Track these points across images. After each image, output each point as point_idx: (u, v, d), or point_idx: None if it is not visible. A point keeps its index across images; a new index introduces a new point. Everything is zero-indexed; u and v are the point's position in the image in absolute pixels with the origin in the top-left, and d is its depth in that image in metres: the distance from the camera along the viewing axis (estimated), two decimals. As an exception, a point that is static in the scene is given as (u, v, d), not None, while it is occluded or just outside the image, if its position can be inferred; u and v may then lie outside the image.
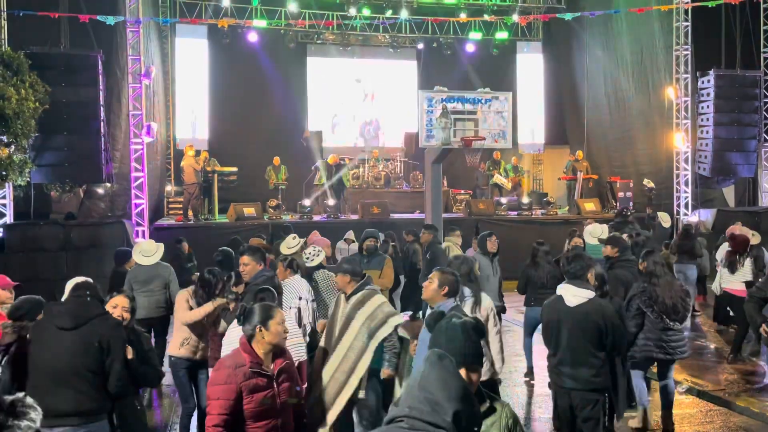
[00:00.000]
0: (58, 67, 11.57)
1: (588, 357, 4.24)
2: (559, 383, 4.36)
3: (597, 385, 4.27)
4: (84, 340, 3.62)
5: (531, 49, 20.32)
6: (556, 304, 4.37)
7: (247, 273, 5.22)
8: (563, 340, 4.27)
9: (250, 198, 14.70)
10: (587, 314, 4.22)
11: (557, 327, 4.29)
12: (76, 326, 3.63)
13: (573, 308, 4.24)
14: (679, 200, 15.23)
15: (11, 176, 10.04)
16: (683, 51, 15.04)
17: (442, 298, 4.11)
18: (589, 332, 4.22)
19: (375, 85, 19.95)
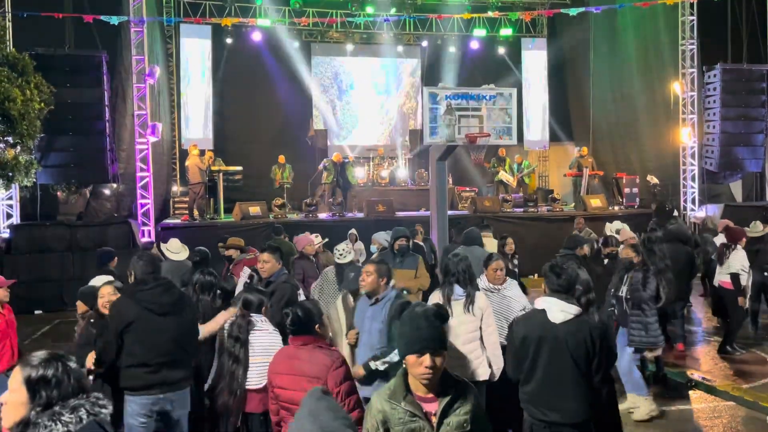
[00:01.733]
0: (62, 67, 11.61)
1: (578, 384, 3.54)
2: (537, 416, 3.59)
3: (582, 418, 3.56)
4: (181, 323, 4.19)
5: (536, 46, 20.24)
6: (538, 319, 3.64)
7: (267, 271, 5.25)
8: (543, 362, 3.56)
9: (256, 197, 14.72)
10: (575, 332, 3.53)
11: (536, 345, 3.57)
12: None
13: (559, 325, 3.55)
14: (686, 196, 15.17)
15: (17, 177, 10.09)
16: (689, 45, 14.97)
17: (384, 288, 4.38)
18: (576, 354, 3.52)
19: (380, 82, 19.92)
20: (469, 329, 4.52)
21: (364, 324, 4.38)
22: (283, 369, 3.43)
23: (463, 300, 4.54)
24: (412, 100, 19.86)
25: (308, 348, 3.42)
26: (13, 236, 11.41)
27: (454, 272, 4.62)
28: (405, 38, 19.77)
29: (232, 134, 18.35)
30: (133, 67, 12.76)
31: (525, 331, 3.64)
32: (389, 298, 4.35)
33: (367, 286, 4.41)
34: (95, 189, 13.16)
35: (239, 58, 18.24)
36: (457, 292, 4.57)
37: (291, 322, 3.46)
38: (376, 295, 4.39)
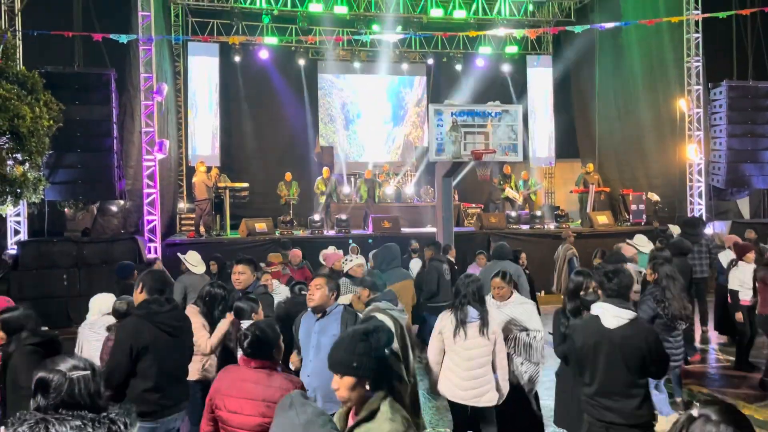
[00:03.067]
0: (71, 85, 11.72)
1: (634, 386, 3.68)
2: (596, 416, 3.76)
3: (640, 419, 3.68)
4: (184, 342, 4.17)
5: (541, 63, 20.33)
6: (594, 325, 3.77)
7: (242, 282, 5.30)
8: (601, 366, 3.71)
9: (262, 213, 14.77)
10: (629, 337, 3.65)
11: (593, 351, 3.72)
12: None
13: (613, 330, 3.67)
14: (693, 212, 15.10)
15: (26, 194, 10.13)
16: (694, 63, 15.00)
17: (332, 302, 4.35)
18: (630, 358, 3.64)
19: (385, 100, 20.02)
20: (483, 353, 4.47)
21: (311, 339, 4.24)
22: (235, 392, 3.25)
23: (477, 323, 4.48)
24: (418, 129, 19.95)
25: (265, 372, 3.28)
26: (21, 252, 11.45)
27: (465, 293, 4.54)
28: (411, 56, 19.91)
29: (238, 151, 18.47)
30: (142, 85, 12.86)
31: (582, 338, 3.79)
32: (338, 311, 4.29)
33: (316, 300, 4.30)
34: (102, 205, 13.22)
35: (246, 76, 18.40)
36: (471, 315, 4.50)
37: (249, 344, 3.31)
38: (323, 309, 4.29)
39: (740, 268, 7.74)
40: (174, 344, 3.99)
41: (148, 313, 3.95)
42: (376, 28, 18.23)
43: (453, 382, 4.50)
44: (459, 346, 4.45)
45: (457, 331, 4.45)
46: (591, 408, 3.79)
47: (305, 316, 4.40)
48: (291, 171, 15.87)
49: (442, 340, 4.54)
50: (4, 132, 9.51)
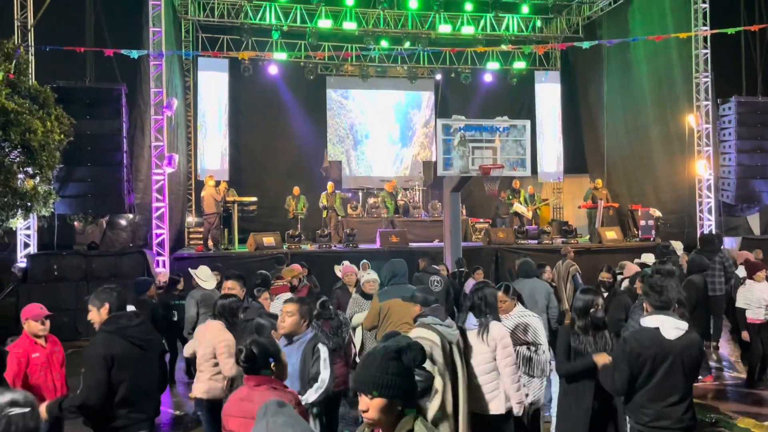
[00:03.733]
0: (83, 100, 11.83)
1: (685, 393, 3.89)
2: (644, 421, 3.91)
3: (690, 422, 3.91)
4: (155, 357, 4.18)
5: (549, 79, 20.39)
6: (653, 337, 3.89)
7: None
8: (658, 376, 3.85)
9: (270, 228, 14.80)
10: (688, 347, 3.86)
11: (652, 361, 3.85)
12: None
13: (675, 341, 3.84)
14: (703, 228, 15.01)
15: (36, 207, 10.20)
16: (703, 78, 14.99)
17: (303, 329, 4.26)
18: (689, 366, 3.87)
19: (394, 115, 20.09)
20: (484, 359, 4.42)
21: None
22: (235, 411, 3.21)
23: (476, 330, 4.45)
24: (426, 150, 19.99)
25: (261, 389, 3.22)
26: (30, 265, 11.50)
27: (471, 301, 4.53)
28: (419, 71, 20.00)
29: (247, 165, 18.55)
30: (152, 100, 12.97)
31: (639, 349, 3.88)
32: (304, 340, 4.19)
33: (286, 327, 4.16)
34: (111, 219, 13.28)
35: (255, 91, 18.52)
36: (470, 321, 4.48)
37: (244, 359, 3.24)
38: (291, 337, 4.19)
39: (748, 287, 7.71)
40: (145, 358, 3.96)
41: (118, 328, 3.90)
42: (385, 44, 18.35)
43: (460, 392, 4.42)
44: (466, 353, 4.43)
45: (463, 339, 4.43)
46: (642, 415, 3.92)
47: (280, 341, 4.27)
48: (299, 185, 15.91)
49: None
50: (15, 146, 9.60)
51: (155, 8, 12.97)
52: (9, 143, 9.52)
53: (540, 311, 6.40)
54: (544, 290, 6.71)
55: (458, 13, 18.15)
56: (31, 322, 4.72)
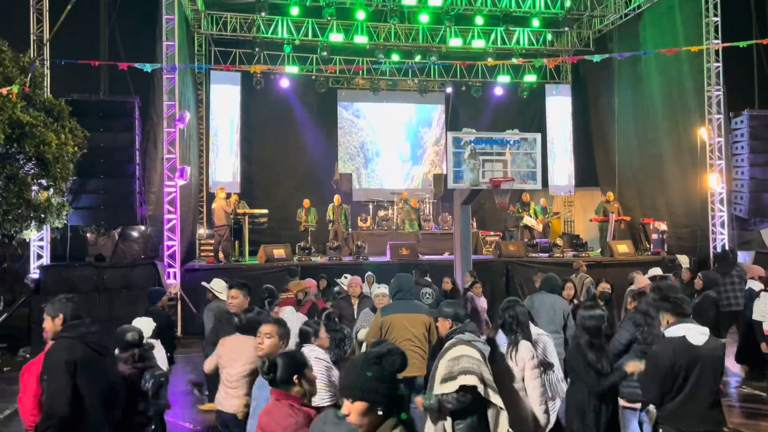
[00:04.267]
0: (96, 113, 11.94)
1: (716, 395, 4.06)
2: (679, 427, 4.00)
3: (722, 423, 4.14)
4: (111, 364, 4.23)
5: (560, 92, 20.39)
6: (682, 345, 3.97)
7: (235, 306, 5.44)
8: (691, 382, 3.94)
9: (281, 240, 14.84)
10: (715, 350, 4.00)
11: (685, 369, 3.94)
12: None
13: (702, 347, 3.94)
14: (716, 242, 14.89)
15: (49, 219, 10.29)
16: (715, 92, 14.92)
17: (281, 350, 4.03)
18: (717, 369, 4.02)
19: (404, 128, 20.14)
20: (513, 378, 4.40)
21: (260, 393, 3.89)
22: (261, 423, 3.25)
23: (505, 347, 4.43)
24: (437, 168, 20.00)
25: (278, 404, 3.20)
26: (43, 277, 11.58)
27: (500, 318, 4.50)
28: (429, 85, 20.07)
29: (258, 178, 18.65)
30: (165, 113, 13.08)
31: (673, 357, 3.95)
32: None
33: (265, 349, 3.98)
34: (123, 231, 13.36)
35: (267, 104, 18.66)
36: (500, 339, 4.46)
37: (266, 371, 3.21)
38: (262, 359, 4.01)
39: (763, 300, 7.65)
40: (104, 364, 3.99)
41: (80, 334, 3.91)
42: (396, 57, 18.45)
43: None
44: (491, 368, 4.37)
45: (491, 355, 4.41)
46: (678, 422, 4.00)
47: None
48: (310, 198, 15.97)
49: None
50: (30, 158, 9.70)
51: (169, 22, 13.13)
52: (24, 155, 9.63)
53: (558, 328, 6.36)
54: (563, 308, 6.63)
55: (469, 26, 18.23)
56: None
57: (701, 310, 7.58)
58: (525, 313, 4.57)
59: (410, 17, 17.84)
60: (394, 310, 5.71)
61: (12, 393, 8.59)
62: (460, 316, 4.35)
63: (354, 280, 7.95)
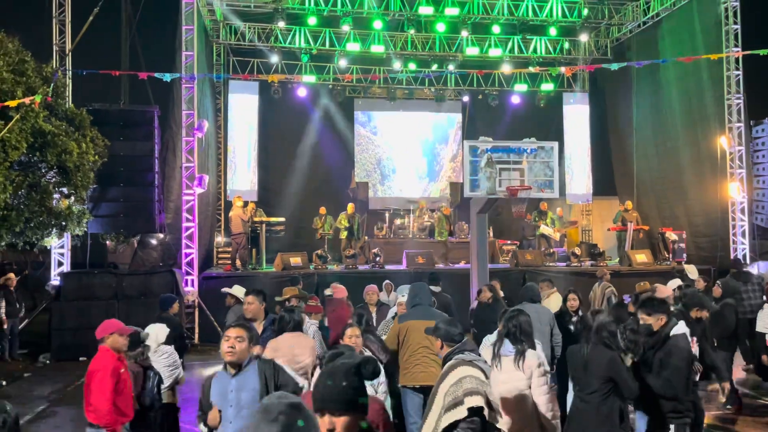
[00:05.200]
0: (117, 122, 12.13)
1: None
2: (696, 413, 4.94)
3: None
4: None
5: (577, 100, 20.30)
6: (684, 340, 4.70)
7: (251, 312, 5.56)
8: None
9: (297, 248, 14.89)
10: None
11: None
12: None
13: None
14: (736, 252, 14.69)
15: (70, 226, 10.44)
16: (735, 100, 14.77)
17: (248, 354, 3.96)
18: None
19: (421, 137, 20.15)
20: (519, 386, 4.40)
21: (228, 398, 3.85)
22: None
23: (512, 356, 4.44)
24: (454, 154, 19.94)
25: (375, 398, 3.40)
26: (63, 284, 11.73)
27: (507, 328, 4.49)
28: (446, 93, 20.09)
29: (275, 186, 18.75)
30: (183, 121, 13.22)
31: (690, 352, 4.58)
32: (254, 364, 3.92)
33: (237, 354, 3.86)
34: (142, 238, 13.50)
35: (284, 113, 18.79)
36: (506, 348, 4.47)
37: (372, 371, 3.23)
38: (240, 364, 3.90)
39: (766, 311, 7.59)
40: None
41: None
42: (413, 66, 18.49)
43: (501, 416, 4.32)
44: (493, 378, 4.34)
45: (493, 362, 4.42)
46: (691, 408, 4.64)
47: (215, 378, 3.97)
48: (326, 206, 16.02)
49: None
50: (51, 166, 9.87)
51: (188, 33, 13.29)
52: (46, 164, 9.80)
53: (545, 338, 6.29)
54: (549, 316, 6.53)
55: (486, 35, 18.22)
56: (117, 336, 4.91)
57: (721, 317, 7.50)
58: (529, 322, 4.57)
59: (427, 26, 17.87)
60: (411, 317, 5.74)
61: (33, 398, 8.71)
62: (452, 335, 4.16)
63: (370, 288, 7.97)
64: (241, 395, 3.82)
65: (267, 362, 3.99)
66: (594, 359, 4.44)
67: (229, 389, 3.85)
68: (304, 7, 16.56)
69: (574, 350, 4.64)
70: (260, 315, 5.67)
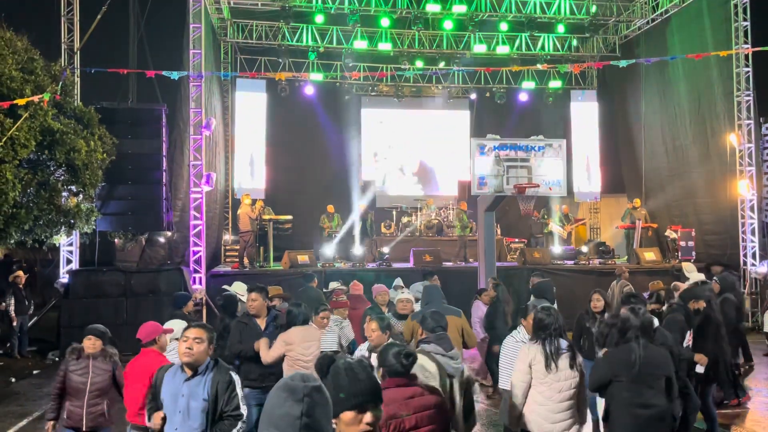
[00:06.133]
0: (125, 120, 12.17)
1: None
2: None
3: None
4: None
5: (585, 98, 20.21)
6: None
7: (255, 308, 5.76)
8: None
9: (305, 246, 14.90)
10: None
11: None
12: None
13: None
14: (746, 250, 14.60)
15: (78, 224, 10.48)
16: (744, 97, 14.66)
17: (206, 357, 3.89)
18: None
19: (429, 135, 20.12)
20: (571, 385, 4.39)
21: (178, 403, 3.69)
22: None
23: (568, 354, 4.41)
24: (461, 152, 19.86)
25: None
26: (72, 281, 11.79)
27: (554, 326, 4.44)
28: (454, 91, 20.04)
29: (283, 184, 18.76)
30: (191, 120, 13.25)
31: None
32: (210, 371, 3.76)
33: (194, 355, 3.70)
34: (150, 236, 13.54)
35: (292, 111, 18.79)
36: (562, 346, 4.43)
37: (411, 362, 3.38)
38: (197, 367, 3.74)
39: None
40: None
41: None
42: (420, 64, 18.46)
43: (542, 416, 4.38)
44: (551, 378, 4.35)
45: (549, 363, 4.36)
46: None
47: (169, 373, 3.82)
48: (334, 204, 16.02)
49: (530, 373, 4.42)
50: (60, 164, 9.91)
51: (196, 31, 13.31)
52: (54, 162, 9.83)
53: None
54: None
55: (493, 33, 18.17)
56: (165, 336, 4.92)
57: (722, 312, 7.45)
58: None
59: (434, 24, 17.83)
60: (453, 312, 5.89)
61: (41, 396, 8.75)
62: (433, 327, 4.42)
63: (380, 288, 7.95)
64: (191, 403, 3.68)
65: (225, 374, 3.80)
66: (652, 359, 4.42)
67: (181, 393, 3.70)
68: (311, 4, 16.56)
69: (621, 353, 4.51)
70: (263, 312, 5.81)
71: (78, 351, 5.09)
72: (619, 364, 4.46)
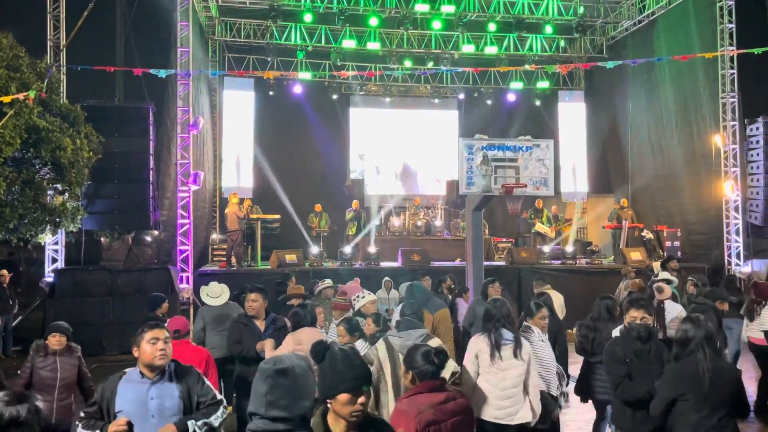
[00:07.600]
0: (111, 118, 12.09)
1: None
2: None
3: None
4: None
5: (573, 98, 20.32)
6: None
7: (254, 309, 5.76)
8: None
9: (293, 245, 14.87)
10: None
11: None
12: None
13: None
14: (730, 250, 14.75)
15: (64, 223, 10.39)
16: (729, 98, 14.81)
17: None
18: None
19: (416, 134, 20.13)
20: (517, 373, 4.59)
21: (149, 407, 3.51)
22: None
23: (512, 345, 4.60)
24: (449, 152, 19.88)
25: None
26: (57, 280, 11.69)
27: (498, 317, 4.64)
28: (442, 91, 20.08)
29: (271, 183, 18.68)
30: (178, 118, 13.18)
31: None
32: (170, 367, 3.66)
33: (167, 357, 3.60)
34: (137, 235, 13.46)
35: (280, 110, 18.75)
36: (505, 337, 4.61)
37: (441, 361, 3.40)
38: (164, 368, 3.63)
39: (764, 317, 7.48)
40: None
41: None
42: (408, 64, 18.47)
43: (489, 403, 4.57)
44: (495, 367, 4.56)
45: (494, 353, 4.55)
46: None
47: (123, 382, 3.57)
48: (322, 203, 16.00)
49: (478, 363, 4.61)
50: (46, 163, 9.82)
51: (183, 29, 13.25)
52: (40, 160, 9.75)
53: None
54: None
55: (482, 33, 18.22)
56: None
57: None
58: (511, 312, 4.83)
59: (423, 24, 17.86)
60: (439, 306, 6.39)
61: (26, 395, 8.66)
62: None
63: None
64: (165, 403, 3.54)
65: (187, 369, 3.73)
66: (720, 375, 3.89)
67: (149, 396, 3.52)
68: (299, 3, 16.53)
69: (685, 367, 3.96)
70: (262, 313, 5.76)
71: (44, 348, 5.32)
72: (683, 381, 3.91)
